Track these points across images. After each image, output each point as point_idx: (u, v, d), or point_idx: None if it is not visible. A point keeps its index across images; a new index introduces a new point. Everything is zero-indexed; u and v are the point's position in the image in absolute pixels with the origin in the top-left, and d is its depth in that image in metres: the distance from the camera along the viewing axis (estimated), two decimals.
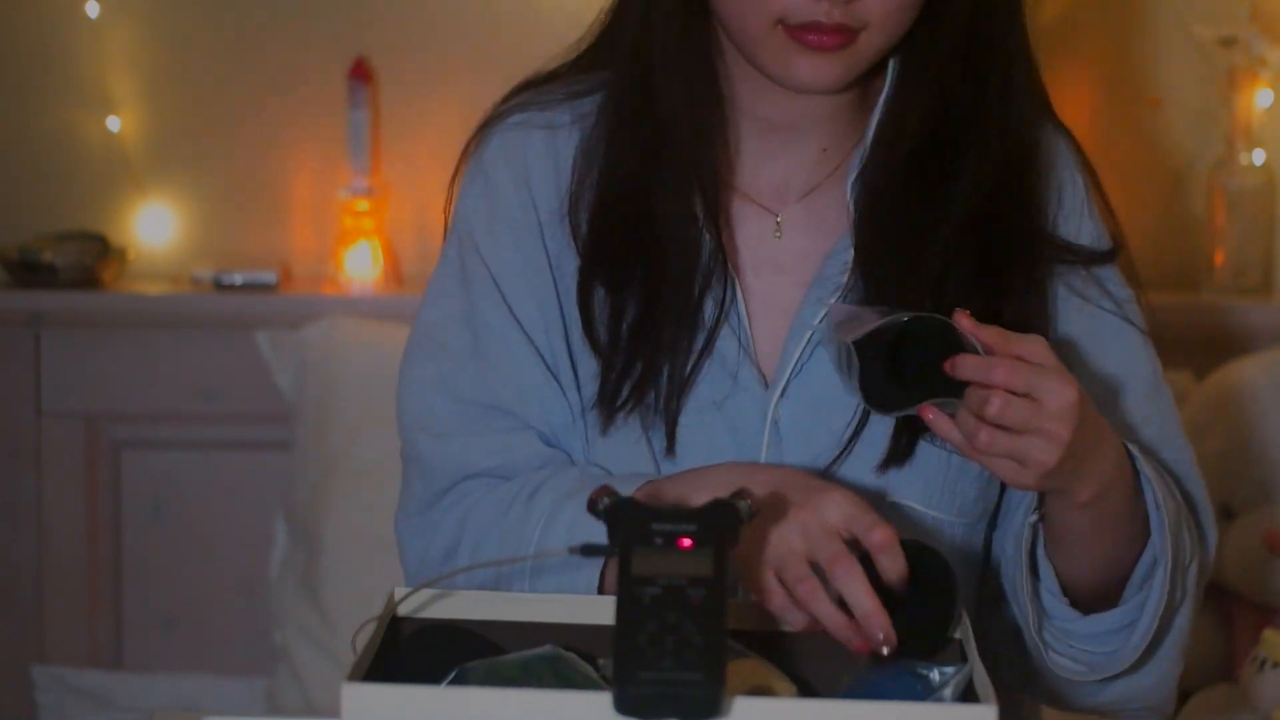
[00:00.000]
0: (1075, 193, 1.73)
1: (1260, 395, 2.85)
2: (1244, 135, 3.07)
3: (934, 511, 1.67)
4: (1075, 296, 1.71)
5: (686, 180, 1.67)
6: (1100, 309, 1.71)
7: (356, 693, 1.27)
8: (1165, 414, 1.73)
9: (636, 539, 1.32)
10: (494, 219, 1.72)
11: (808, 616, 1.46)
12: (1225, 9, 3.06)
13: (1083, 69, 3.12)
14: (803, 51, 1.60)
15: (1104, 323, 1.72)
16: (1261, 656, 2.24)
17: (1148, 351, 1.74)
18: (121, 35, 3.13)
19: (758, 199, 1.72)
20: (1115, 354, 1.72)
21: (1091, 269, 1.71)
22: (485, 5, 3.10)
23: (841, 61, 1.62)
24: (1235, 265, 3.08)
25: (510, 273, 1.71)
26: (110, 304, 3.08)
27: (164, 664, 3.10)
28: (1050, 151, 1.72)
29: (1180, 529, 1.63)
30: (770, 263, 1.71)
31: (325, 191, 3.14)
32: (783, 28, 1.60)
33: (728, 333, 1.67)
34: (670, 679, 1.24)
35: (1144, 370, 1.73)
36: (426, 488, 1.72)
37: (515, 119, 1.74)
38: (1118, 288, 1.73)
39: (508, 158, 1.73)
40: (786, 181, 1.72)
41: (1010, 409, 1.48)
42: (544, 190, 1.71)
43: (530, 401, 1.70)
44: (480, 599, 1.48)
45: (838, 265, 1.68)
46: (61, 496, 3.09)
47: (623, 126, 1.69)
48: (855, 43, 1.61)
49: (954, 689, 1.37)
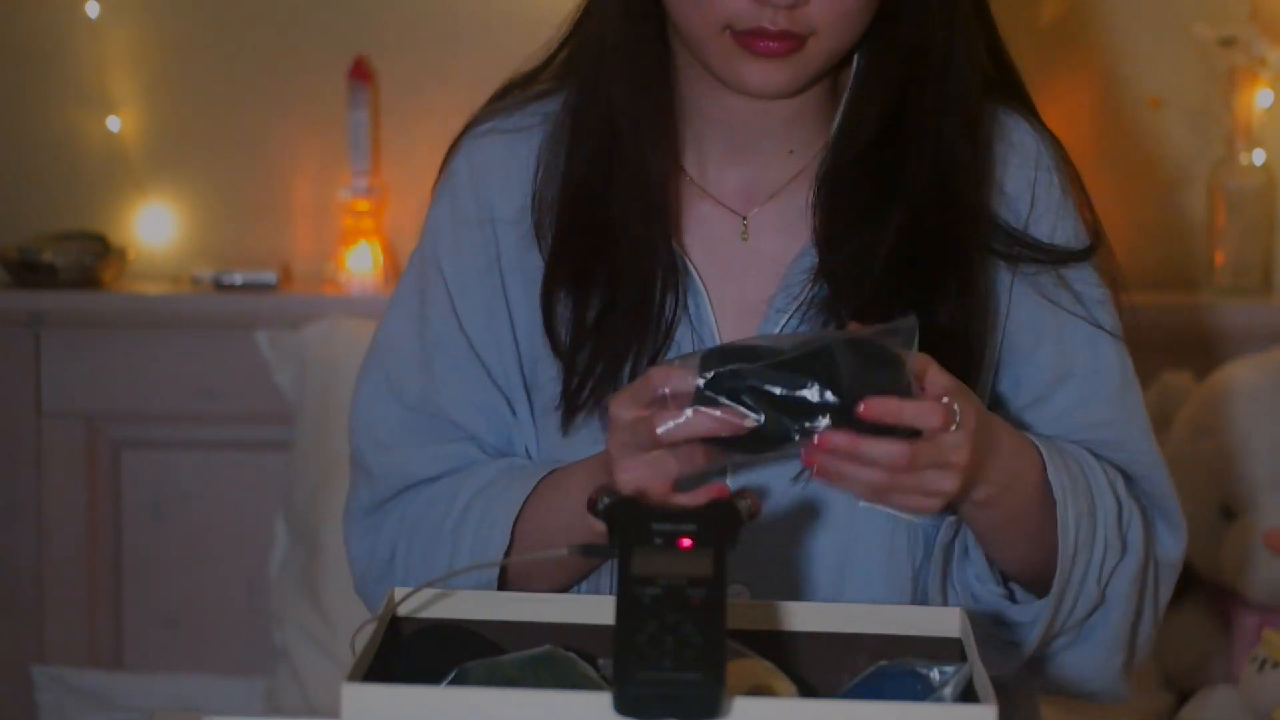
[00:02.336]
0: (1051, 192, 1.72)
1: (1260, 395, 2.85)
2: (1244, 135, 3.07)
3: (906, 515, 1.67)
4: (1045, 300, 1.71)
5: (639, 181, 1.67)
6: (1070, 314, 1.71)
7: (356, 693, 1.27)
8: (1129, 414, 1.73)
9: (636, 539, 1.32)
10: (457, 228, 1.75)
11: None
12: (1225, 9, 3.06)
13: (1083, 69, 3.12)
14: (751, 57, 1.61)
15: (1072, 329, 1.72)
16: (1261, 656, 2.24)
17: (1116, 353, 1.74)
18: (121, 35, 3.13)
19: (724, 202, 1.72)
20: (1082, 358, 1.72)
21: (1063, 270, 1.71)
22: (485, 5, 3.10)
23: (790, 67, 1.62)
24: (1235, 265, 3.08)
25: (466, 283, 1.74)
26: (110, 304, 3.08)
27: (164, 664, 3.10)
28: (1026, 150, 1.72)
29: (1101, 527, 1.64)
30: (738, 266, 1.71)
31: (325, 191, 3.14)
32: (730, 34, 1.61)
33: (692, 335, 1.69)
34: (670, 679, 1.24)
35: (1109, 373, 1.73)
36: (371, 494, 1.76)
37: (483, 127, 1.76)
38: (1090, 288, 1.72)
39: (471, 166, 1.75)
40: (753, 184, 1.72)
41: (920, 454, 1.48)
42: (507, 195, 1.73)
43: (475, 414, 1.73)
44: (480, 599, 1.48)
45: (803, 269, 1.69)
46: (61, 496, 3.09)
47: (579, 128, 1.70)
48: (803, 48, 1.61)
49: (954, 689, 1.37)
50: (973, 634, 1.42)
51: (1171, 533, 1.74)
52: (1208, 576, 2.89)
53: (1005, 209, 1.70)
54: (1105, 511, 1.65)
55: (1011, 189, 1.70)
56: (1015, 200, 1.70)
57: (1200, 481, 2.85)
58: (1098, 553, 1.64)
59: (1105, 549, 1.65)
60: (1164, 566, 1.73)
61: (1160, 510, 1.73)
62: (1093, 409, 1.72)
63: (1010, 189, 1.70)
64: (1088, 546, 1.64)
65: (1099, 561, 1.65)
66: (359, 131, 3.09)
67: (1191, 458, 2.86)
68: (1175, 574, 1.75)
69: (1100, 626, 1.69)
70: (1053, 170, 1.73)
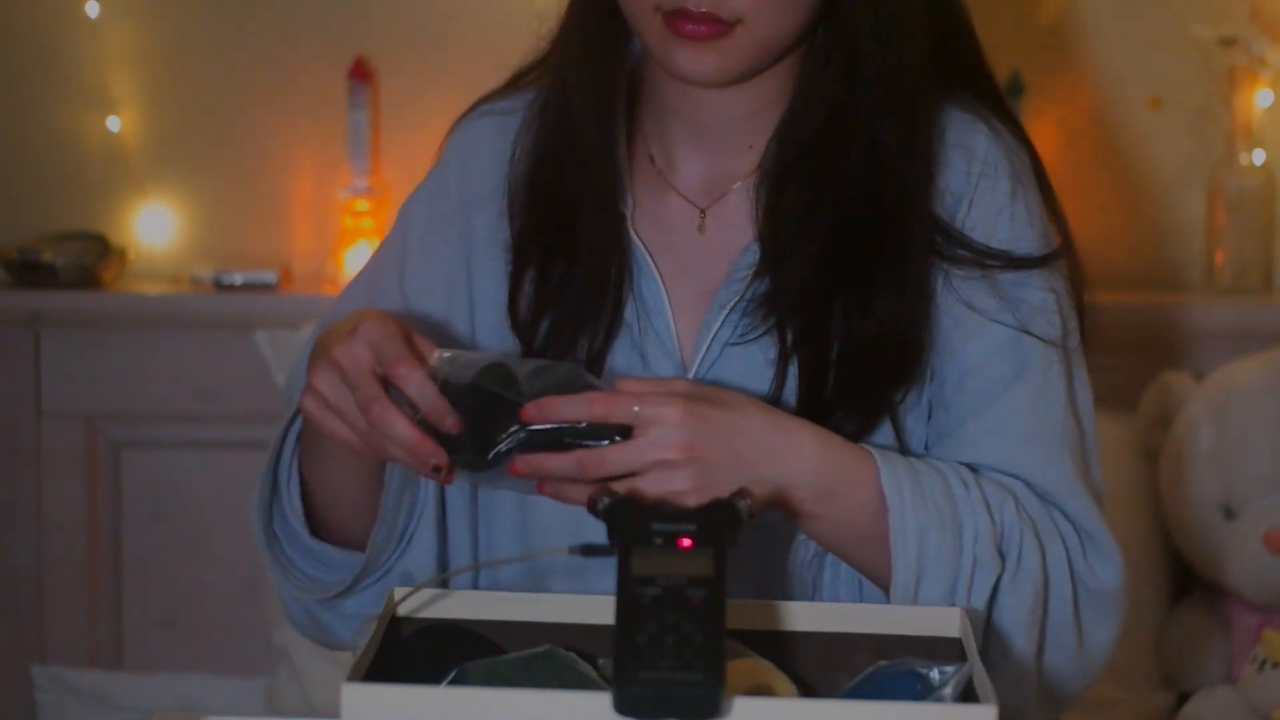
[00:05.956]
0: (994, 196, 1.69)
1: (1260, 395, 2.85)
2: (1244, 135, 3.07)
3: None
4: (970, 311, 1.67)
5: (590, 167, 1.71)
6: (994, 321, 1.67)
7: (356, 693, 1.27)
8: (1045, 432, 1.66)
9: (636, 539, 1.32)
10: (433, 207, 1.78)
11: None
12: (1225, 9, 3.06)
13: (1083, 69, 3.12)
14: (680, 41, 1.63)
15: (991, 335, 1.67)
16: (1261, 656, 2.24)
17: (1041, 364, 1.67)
18: (121, 35, 3.13)
19: (686, 194, 1.74)
20: (997, 368, 1.66)
21: (1004, 275, 1.68)
22: (485, 5, 3.10)
23: (719, 54, 1.63)
24: (1235, 265, 3.08)
25: (428, 258, 1.77)
26: (110, 304, 3.08)
27: (164, 664, 3.10)
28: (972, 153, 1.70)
29: (969, 543, 1.58)
30: (694, 258, 1.73)
31: (325, 191, 3.14)
32: (661, 15, 1.63)
33: (647, 326, 1.71)
34: (670, 679, 1.24)
35: (1027, 384, 1.67)
36: None
37: (477, 110, 1.81)
38: (1034, 292, 1.68)
39: (461, 146, 1.80)
40: (714, 177, 1.74)
41: (608, 460, 1.49)
42: (489, 173, 1.77)
43: None
44: (480, 599, 1.48)
45: (747, 264, 1.70)
46: (61, 496, 3.09)
47: (546, 113, 1.74)
48: (731, 34, 1.63)
49: (954, 689, 1.37)
50: (972, 634, 1.42)
51: (1102, 559, 1.66)
52: (1208, 576, 2.89)
53: (943, 210, 1.69)
54: (976, 528, 1.59)
55: (951, 190, 1.69)
56: (955, 202, 1.69)
57: (1200, 481, 2.85)
58: (965, 568, 1.59)
59: (975, 566, 1.59)
60: (1095, 595, 1.66)
61: (1087, 536, 1.66)
62: (1003, 423, 1.66)
63: (950, 190, 1.69)
64: (947, 561, 1.58)
65: (967, 579, 1.59)
66: (359, 131, 3.09)
67: (1191, 458, 2.86)
68: (1113, 603, 1.67)
69: (994, 652, 1.62)
70: (1003, 176, 1.70)
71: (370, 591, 1.72)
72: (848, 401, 1.66)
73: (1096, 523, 1.66)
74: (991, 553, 1.59)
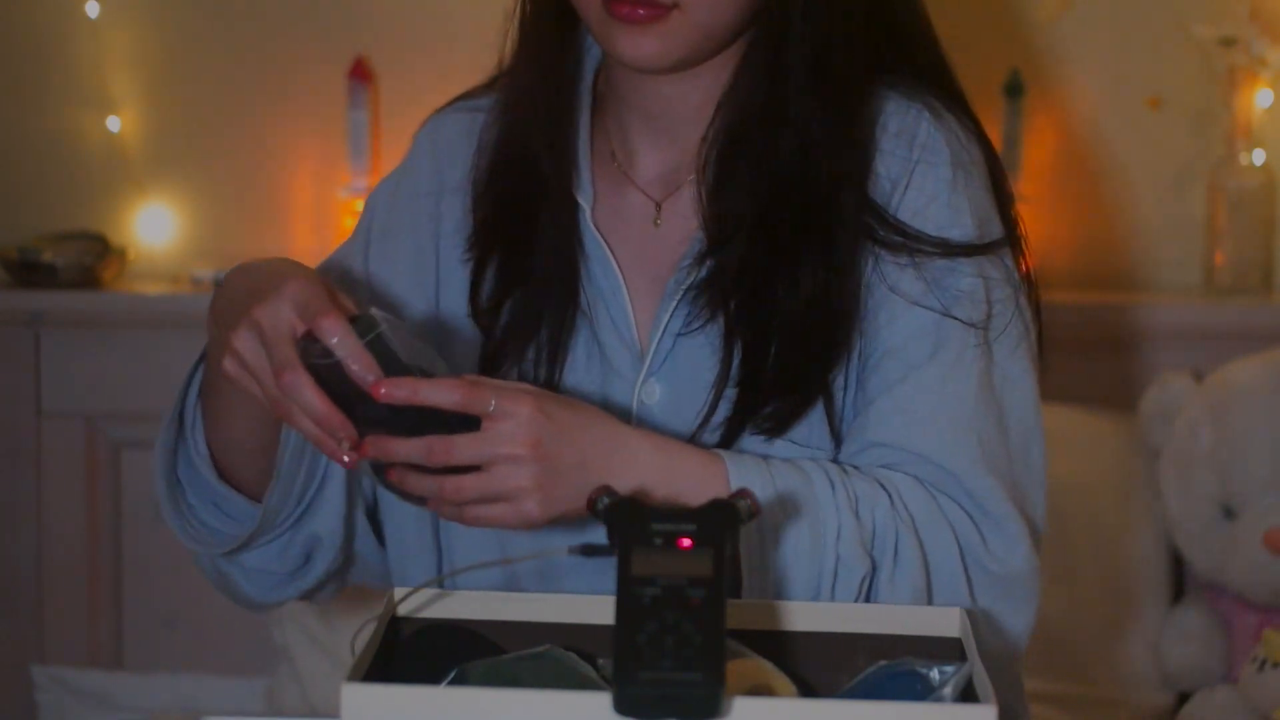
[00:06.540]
0: (930, 182, 1.70)
1: (1260, 395, 2.85)
2: (1244, 135, 3.07)
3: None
4: (893, 294, 1.68)
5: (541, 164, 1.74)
6: (919, 306, 1.67)
7: (356, 693, 1.27)
8: (948, 410, 1.66)
9: (636, 539, 1.32)
10: (397, 195, 1.82)
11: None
12: (1225, 9, 3.06)
13: (1083, 69, 3.12)
14: (620, 26, 1.65)
15: (908, 317, 1.68)
16: (1261, 656, 2.24)
17: (960, 342, 1.67)
18: (121, 35, 3.13)
19: (643, 187, 1.77)
20: (912, 349, 1.67)
21: (933, 261, 1.68)
22: (485, 5, 3.09)
23: (657, 38, 1.65)
24: (1235, 265, 3.08)
25: (392, 244, 1.80)
26: (110, 304, 3.08)
27: (164, 664, 3.10)
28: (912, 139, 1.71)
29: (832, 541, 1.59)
30: (650, 250, 1.75)
31: (325, 191, 3.14)
32: (600, 0, 1.66)
33: (605, 318, 1.73)
34: (670, 679, 1.24)
35: (941, 360, 1.67)
36: None
37: (451, 105, 1.86)
38: (962, 278, 1.68)
39: (434, 139, 1.84)
40: (669, 170, 1.77)
41: (456, 447, 1.50)
42: (459, 165, 1.80)
43: None
44: (480, 599, 1.48)
45: (693, 253, 1.72)
46: (61, 496, 3.09)
47: (506, 109, 1.78)
48: (668, 19, 1.65)
49: (954, 688, 1.37)
50: (972, 633, 1.42)
51: (1005, 542, 1.65)
52: (1208, 576, 2.89)
53: (879, 194, 1.69)
54: (840, 526, 1.60)
55: (890, 175, 1.70)
56: (891, 186, 1.69)
57: (1200, 481, 2.85)
58: (828, 566, 1.59)
59: (838, 564, 1.59)
60: (998, 579, 1.65)
61: (988, 518, 1.65)
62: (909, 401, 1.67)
63: (889, 175, 1.70)
64: (805, 559, 1.59)
65: (830, 576, 1.60)
66: (359, 131, 3.10)
67: (1191, 458, 2.86)
68: (1022, 586, 1.66)
69: None
70: (944, 163, 1.70)
71: (270, 548, 1.74)
72: (782, 382, 1.67)
73: (1000, 504, 1.65)
74: (858, 550, 1.60)
